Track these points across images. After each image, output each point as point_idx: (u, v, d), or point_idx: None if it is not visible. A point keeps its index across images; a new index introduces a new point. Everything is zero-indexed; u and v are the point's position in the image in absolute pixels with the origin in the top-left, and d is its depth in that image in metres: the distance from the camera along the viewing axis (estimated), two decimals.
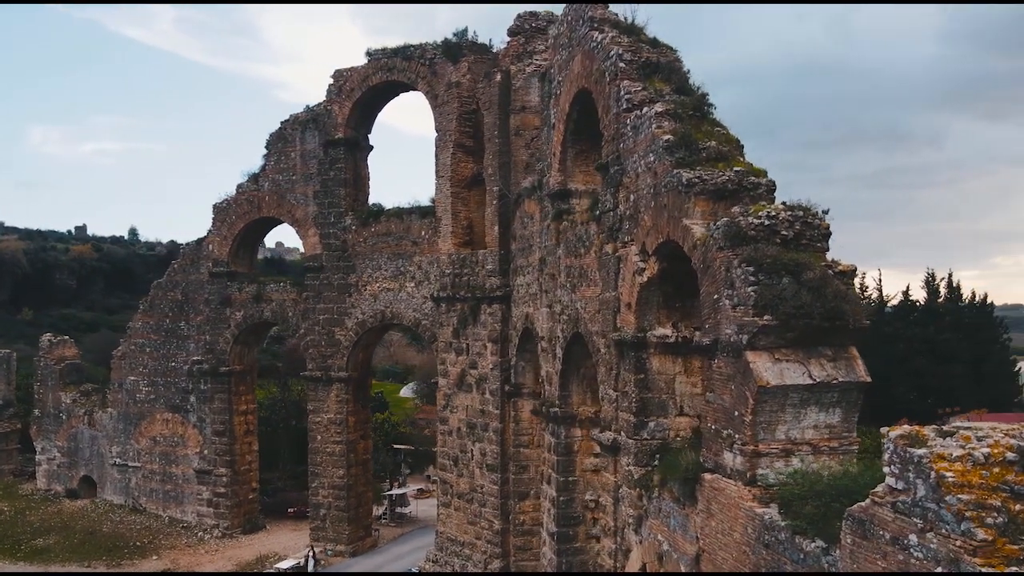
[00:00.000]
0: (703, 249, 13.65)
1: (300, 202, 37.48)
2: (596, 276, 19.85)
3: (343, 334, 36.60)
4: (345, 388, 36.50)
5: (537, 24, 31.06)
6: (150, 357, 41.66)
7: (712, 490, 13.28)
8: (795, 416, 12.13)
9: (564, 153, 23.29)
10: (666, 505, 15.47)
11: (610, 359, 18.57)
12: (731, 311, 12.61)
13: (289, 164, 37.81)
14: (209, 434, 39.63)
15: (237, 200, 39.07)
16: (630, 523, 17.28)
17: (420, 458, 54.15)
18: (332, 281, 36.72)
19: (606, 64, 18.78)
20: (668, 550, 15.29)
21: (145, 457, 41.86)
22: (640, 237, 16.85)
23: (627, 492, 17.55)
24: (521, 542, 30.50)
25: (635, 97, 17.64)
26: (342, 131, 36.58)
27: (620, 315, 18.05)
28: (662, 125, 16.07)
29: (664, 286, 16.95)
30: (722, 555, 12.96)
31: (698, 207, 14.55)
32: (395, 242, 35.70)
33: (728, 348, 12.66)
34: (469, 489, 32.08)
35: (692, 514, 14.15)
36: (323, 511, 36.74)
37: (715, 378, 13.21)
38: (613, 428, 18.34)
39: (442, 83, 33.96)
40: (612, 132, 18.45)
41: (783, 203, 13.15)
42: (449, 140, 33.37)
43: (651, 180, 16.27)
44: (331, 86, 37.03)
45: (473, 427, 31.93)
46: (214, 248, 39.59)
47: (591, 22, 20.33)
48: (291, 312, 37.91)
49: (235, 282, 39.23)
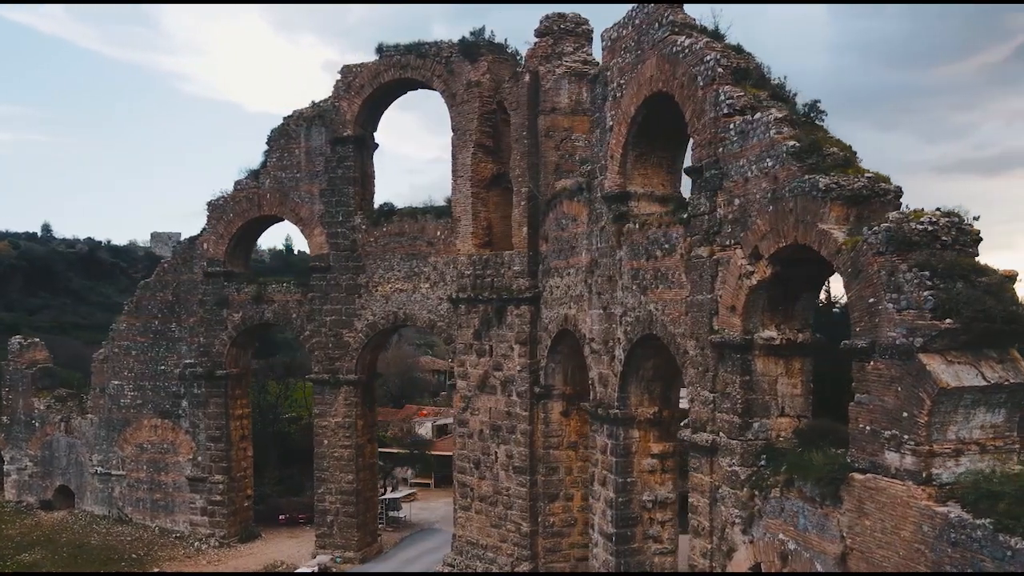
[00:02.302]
0: (852, 253, 13.90)
1: (305, 200, 36.50)
2: (681, 279, 19.95)
3: (352, 336, 35.81)
4: (354, 391, 35.73)
5: (565, 26, 31.10)
6: (136, 360, 39.87)
7: (866, 489, 13.54)
8: (965, 416, 12.49)
9: (624, 156, 23.36)
10: (792, 505, 15.69)
11: (704, 361, 18.71)
12: (896, 314, 12.89)
13: (293, 161, 36.78)
14: (203, 440, 38.18)
15: (235, 197, 37.77)
16: (736, 523, 17.46)
17: (395, 461, 53.47)
18: (340, 282, 35.88)
19: (699, 69, 18.91)
20: (796, 549, 15.52)
21: (131, 465, 40.03)
22: (750, 241, 17.04)
23: (729, 492, 17.73)
24: (551, 544, 30.47)
25: (737, 102, 17.84)
26: (351, 128, 35.78)
27: (718, 317, 18.22)
28: (782, 131, 16.29)
29: (771, 289, 17.22)
30: (881, 553, 13.22)
31: (833, 212, 14.81)
32: (409, 242, 35.11)
33: (892, 351, 12.93)
34: (493, 492, 31.82)
35: (833, 514, 14.39)
36: (330, 517, 35.85)
37: (871, 380, 13.45)
38: (709, 429, 18.48)
39: (459, 82, 33.60)
40: (707, 136, 18.59)
41: (937, 209, 13.50)
42: (469, 140, 33.07)
43: (767, 185, 16.48)
44: (339, 82, 36.18)
45: (498, 429, 31.69)
46: (209, 247, 38.18)
47: (671, 26, 20.46)
48: (295, 313, 36.87)
49: (233, 282, 37.93)
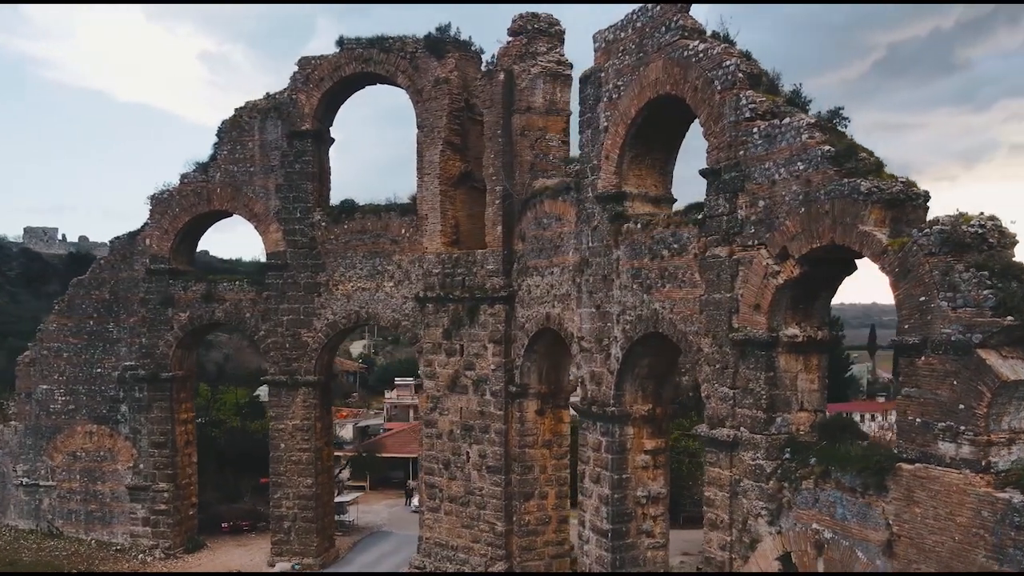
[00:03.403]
0: (900, 254, 14.60)
1: (260, 196, 35.12)
2: (694, 278, 20.38)
3: (311, 335, 34.71)
4: (313, 392, 34.67)
5: (539, 26, 31.18)
6: (68, 363, 37.32)
7: (916, 478, 14.24)
8: (1017, 408, 13.33)
9: (621, 156, 23.67)
10: (828, 495, 16.32)
11: (722, 358, 19.20)
12: (951, 312, 13.63)
13: (246, 155, 35.32)
14: (146, 446, 36.14)
15: (182, 191, 35.94)
16: (761, 515, 17.99)
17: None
18: (298, 280, 34.73)
19: (716, 73, 19.38)
20: (833, 538, 16.15)
21: (62, 475, 37.45)
22: (778, 241, 17.61)
23: (753, 485, 18.26)
24: (526, 543, 30.53)
25: (759, 107, 18.42)
26: (309, 122, 34.68)
27: (739, 315, 18.73)
28: (814, 135, 16.92)
29: (795, 289, 17.86)
30: (934, 539, 13.95)
31: (873, 215, 15.51)
32: (372, 240, 34.34)
33: (947, 346, 13.65)
34: (464, 492, 31.56)
35: (877, 502, 15.07)
36: (287, 523, 34.63)
37: (922, 375, 14.15)
38: (729, 424, 18.98)
39: (425, 78, 33.14)
40: (726, 140, 19.07)
41: (981, 212, 14.35)
42: (438, 137, 32.67)
43: (799, 187, 17.07)
44: (296, 74, 35.02)
45: (470, 429, 31.45)
46: (152, 243, 36.17)
47: (681, 30, 20.89)
48: (249, 312, 35.41)
49: (179, 280, 36.08)
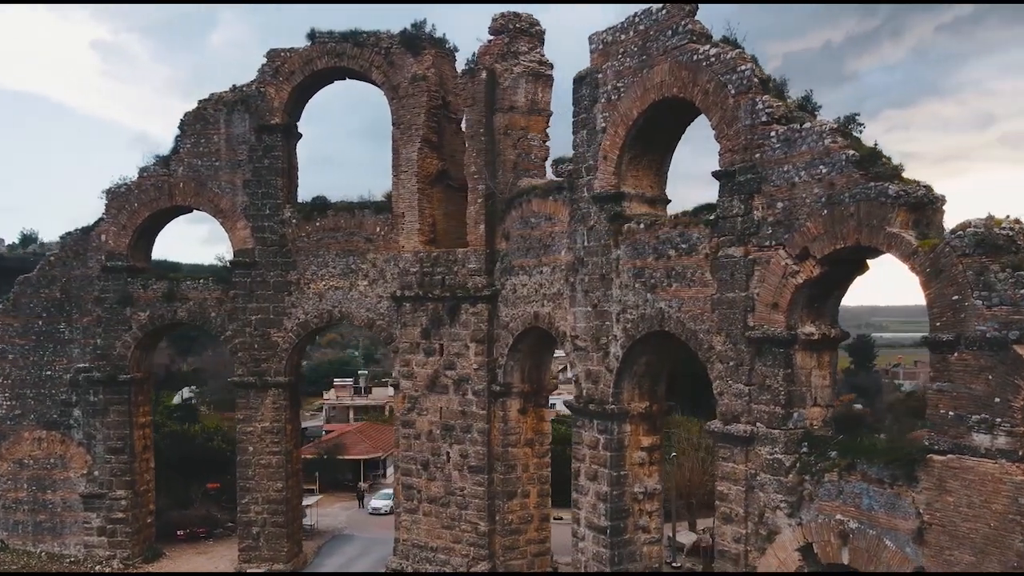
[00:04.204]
0: (932, 255, 15.29)
1: (226, 191, 33.94)
2: (704, 277, 20.80)
3: (281, 335, 33.76)
4: (283, 393, 33.74)
5: (520, 25, 31.19)
6: (14, 366, 35.21)
7: (949, 469, 14.96)
8: None
9: (620, 157, 23.95)
10: (853, 487, 16.94)
11: (737, 355, 19.67)
12: (986, 310, 14.38)
13: (211, 148, 34.08)
14: (102, 452, 34.44)
15: (141, 185, 34.37)
16: (780, 507, 18.53)
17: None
18: (268, 278, 33.72)
19: (729, 78, 19.84)
20: (859, 527, 16.77)
21: (7, 484, 35.28)
22: (798, 242, 18.16)
23: (771, 479, 18.79)
24: (509, 542, 30.54)
25: (776, 111, 18.97)
26: (279, 116, 33.72)
27: (755, 314, 19.23)
28: (837, 140, 17.52)
29: (813, 288, 18.46)
30: (967, 526, 14.68)
31: (899, 217, 16.21)
32: (345, 238, 33.63)
33: (981, 343, 14.40)
34: (445, 492, 31.30)
35: (907, 493, 15.76)
36: (256, 529, 33.60)
37: (955, 370, 14.88)
38: (744, 420, 19.46)
39: (401, 75, 32.68)
40: (740, 142, 19.55)
41: (1007, 216, 15.15)
42: (416, 135, 32.27)
43: (821, 190, 17.66)
44: (265, 66, 33.98)
45: (451, 429, 31.21)
46: (108, 239, 34.48)
47: (690, 35, 21.29)
48: (214, 312, 34.18)
49: (138, 278, 34.53)
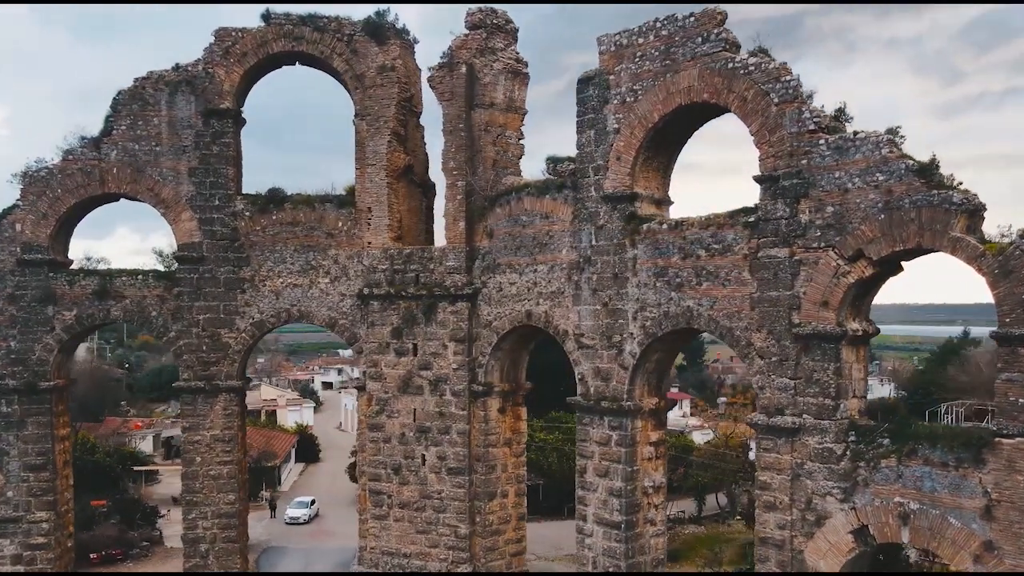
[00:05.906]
0: (1000, 257, 16.90)
1: (169, 179, 31.13)
2: (742, 276, 21.67)
3: (233, 336, 31.41)
4: (235, 399, 31.45)
5: (496, 21, 30.93)
6: None
7: (1018, 450, 16.61)
8: None
9: (636, 158, 24.45)
10: (913, 471, 18.33)
11: (780, 351, 20.69)
12: None
13: (151, 132, 31.12)
14: (16, 469, 30.52)
15: (65, 169, 30.80)
16: (832, 493, 19.70)
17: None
18: (217, 275, 31.27)
19: (772, 87, 20.80)
20: (920, 508, 18.18)
21: None
22: (851, 244, 19.37)
23: (820, 467, 19.93)
24: (489, 543, 30.26)
25: (823, 121, 20.15)
26: (229, 100, 31.39)
27: (802, 312, 20.30)
28: (894, 150, 18.88)
29: (859, 287, 19.78)
30: None
31: (960, 222, 17.76)
32: (304, 233, 31.82)
33: None
34: (419, 496, 30.46)
35: (973, 474, 17.31)
36: (204, 546, 31.05)
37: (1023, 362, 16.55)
38: (790, 412, 20.49)
39: (366, 64, 31.43)
40: (784, 149, 20.55)
41: None
42: (384, 127, 31.17)
43: (877, 196, 18.95)
44: (213, 46, 31.46)
45: (426, 431, 30.40)
46: (25, 229, 30.64)
47: (723, 43, 22.12)
48: (155, 311, 31.23)
49: (62, 273, 30.95)
